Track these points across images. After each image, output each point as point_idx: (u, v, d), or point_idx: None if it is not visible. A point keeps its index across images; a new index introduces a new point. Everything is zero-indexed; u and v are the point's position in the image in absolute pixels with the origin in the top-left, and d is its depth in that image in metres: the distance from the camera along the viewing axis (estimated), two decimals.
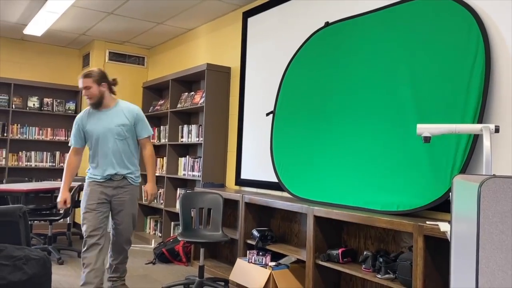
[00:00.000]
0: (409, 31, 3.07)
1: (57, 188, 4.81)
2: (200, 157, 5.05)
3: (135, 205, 3.39)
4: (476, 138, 2.63)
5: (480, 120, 2.62)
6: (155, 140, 6.25)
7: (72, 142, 3.37)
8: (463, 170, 2.65)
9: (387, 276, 2.75)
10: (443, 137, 2.74)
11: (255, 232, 3.73)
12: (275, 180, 4.06)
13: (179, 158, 5.54)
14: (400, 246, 3.01)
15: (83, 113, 3.37)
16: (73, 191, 4.56)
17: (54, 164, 6.69)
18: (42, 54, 6.79)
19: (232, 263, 4.01)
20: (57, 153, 6.76)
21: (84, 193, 3.28)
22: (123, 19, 5.51)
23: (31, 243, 4.15)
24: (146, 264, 4.63)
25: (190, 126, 5.35)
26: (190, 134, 5.32)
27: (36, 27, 5.69)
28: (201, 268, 3.67)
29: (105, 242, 3.21)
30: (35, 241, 5.03)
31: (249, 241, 3.85)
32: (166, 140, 5.69)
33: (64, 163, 6.51)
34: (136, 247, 5.44)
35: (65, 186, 3.29)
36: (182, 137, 5.49)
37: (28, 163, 6.56)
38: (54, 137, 6.71)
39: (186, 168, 5.34)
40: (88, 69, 3.34)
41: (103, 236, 3.19)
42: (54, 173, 6.79)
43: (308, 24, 3.94)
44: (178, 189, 5.52)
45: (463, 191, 1.38)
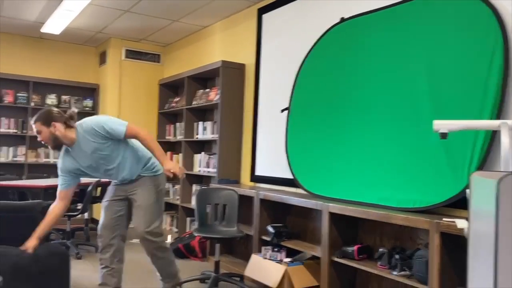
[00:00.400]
0: (426, 26, 3.04)
1: None
2: (215, 154, 5.08)
3: (148, 195, 3.04)
4: (494, 135, 2.60)
5: (498, 116, 2.58)
6: (171, 137, 6.30)
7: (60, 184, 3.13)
8: (480, 167, 2.62)
9: (403, 273, 2.74)
10: (460, 134, 2.71)
11: (270, 228, 3.74)
12: (289, 176, 4.06)
13: (195, 155, 5.58)
14: (416, 243, 3.00)
15: (60, 158, 3.17)
16: (90, 187, 4.63)
17: None
18: (60, 52, 6.88)
19: (247, 258, 4.03)
20: None
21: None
22: (139, 17, 5.56)
23: (50, 238, 4.24)
24: None
25: (205, 123, 5.38)
26: (205, 131, 5.35)
27: (54, 26, 5.78)
28: (217, 264, 3.70)
29: (120, 242, 3.08)
30: (54, 236, 5.12)
31: (264, 237, 3.86)
32: (182, 136, 5.73)
33: None
34: None
35: (36, 233, 2.81)
36: (197, 133, 5.52)
37: (47, 160, 6.68)
38: None
39: (201, 164, 5.37)
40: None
41: (116, 236, 3.05)
42: None
43: (323, 20, 3.93)
44: (194, 185, 5.57)
45: (481, 188, 1.37)
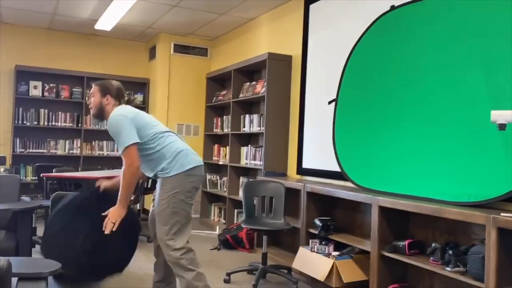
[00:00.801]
0: (482, 13, 2.89)
1: None
2: (261, 146, 5.10)
3: (159, 200, 2.75)
4: None
5: None
6: (218, 130, 6.38)
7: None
8: None
9: (456, 269, 2.64)
10: None
11: (317, 222, 3.72)
12: (337, 169, 4.01)
13: (241, 147, 5.62)
14: (471, 238, 2.88)
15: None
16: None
17: None
18: (112, 48, 7.12)
19: (294, 251, 4.03)
20: None
21: None
22: (187, 11, 5.65)
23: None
24: (211, 249, 4.78)
25: (251, 115, 5.40)
26: (251, 124, 5.38)
27: (106, 22, 5.98)
28: (264, 255, 3.72)
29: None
30: None
31: (311, 230, 3.84)
32: (229, 129, 5.78)
33: None
34: (202, 233, 5.62)
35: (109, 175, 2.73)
36: (244, 126, 5.56)
37: (101, 152, 6.95)
38: None
39: (248, 157, 5.41)
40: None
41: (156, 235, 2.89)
42: None
43: (373, 8, 3.82)
44: (241, 177, 5.62)
45: None
